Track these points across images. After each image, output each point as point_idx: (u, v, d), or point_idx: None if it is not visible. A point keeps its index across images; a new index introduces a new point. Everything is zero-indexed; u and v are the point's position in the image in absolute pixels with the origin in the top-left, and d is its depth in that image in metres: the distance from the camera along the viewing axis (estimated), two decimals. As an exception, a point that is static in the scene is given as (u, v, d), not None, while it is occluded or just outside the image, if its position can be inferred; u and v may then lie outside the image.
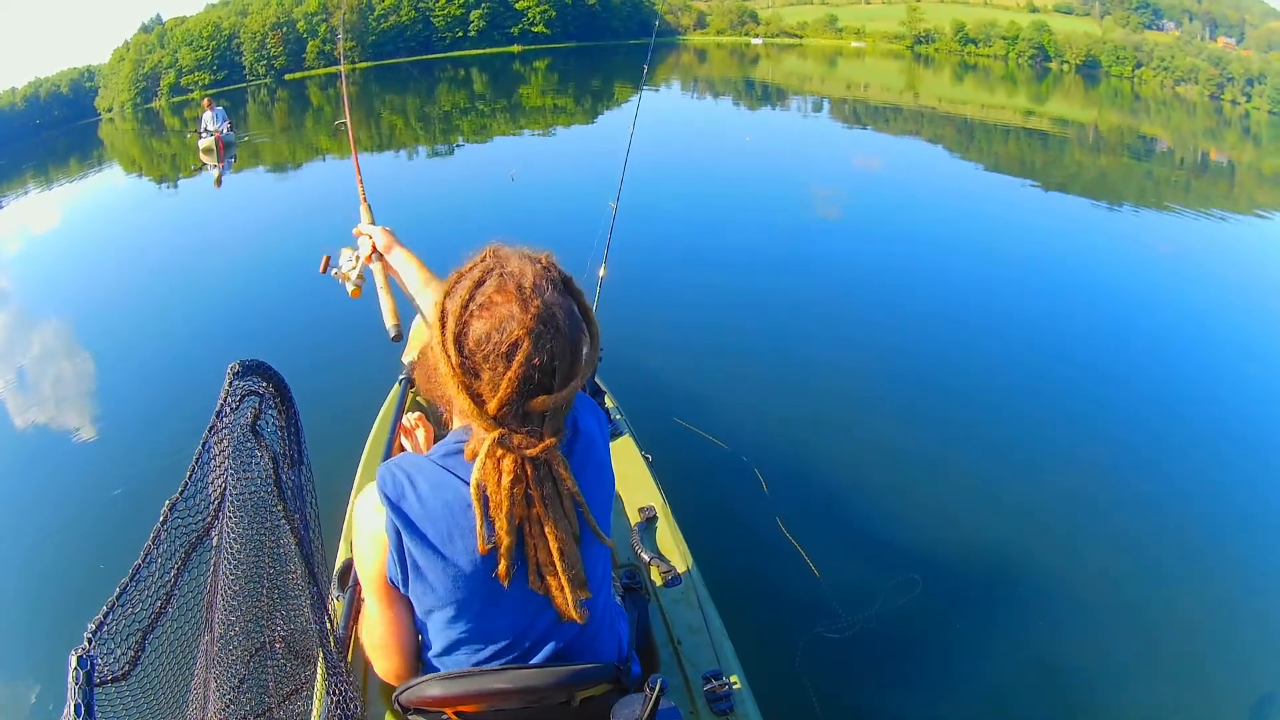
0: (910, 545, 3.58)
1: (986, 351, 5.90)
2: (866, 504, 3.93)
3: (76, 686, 0.88)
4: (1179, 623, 3.31)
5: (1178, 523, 3.97)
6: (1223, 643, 3.21)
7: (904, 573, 3.31)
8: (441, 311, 1.11)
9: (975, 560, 3.55)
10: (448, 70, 35.56)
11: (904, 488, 4.09)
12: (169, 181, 16.07)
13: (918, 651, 3.07)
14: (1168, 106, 32.03)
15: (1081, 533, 3.84)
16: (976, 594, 3.37)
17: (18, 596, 3.49)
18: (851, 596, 3.20)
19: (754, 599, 3.19)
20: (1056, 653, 3.10)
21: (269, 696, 1.43)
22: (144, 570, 1.07)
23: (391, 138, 19.17)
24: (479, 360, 1.08)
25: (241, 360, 1.40)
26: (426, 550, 1.16)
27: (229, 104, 19.68)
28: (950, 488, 4.14)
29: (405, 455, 1.25)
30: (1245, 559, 3.74)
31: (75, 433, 4.85)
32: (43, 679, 2.91)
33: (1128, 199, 12.81)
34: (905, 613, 3.15)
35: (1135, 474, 4.40)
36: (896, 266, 7.88)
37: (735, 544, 3.52)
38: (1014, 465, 4.42)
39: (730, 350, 5.62)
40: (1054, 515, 3.96)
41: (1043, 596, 3.40)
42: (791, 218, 9.74)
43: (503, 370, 1.07)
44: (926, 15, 44.69)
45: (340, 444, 3.08)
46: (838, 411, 4.87)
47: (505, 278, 1.10)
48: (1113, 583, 3.52)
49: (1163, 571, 3.63)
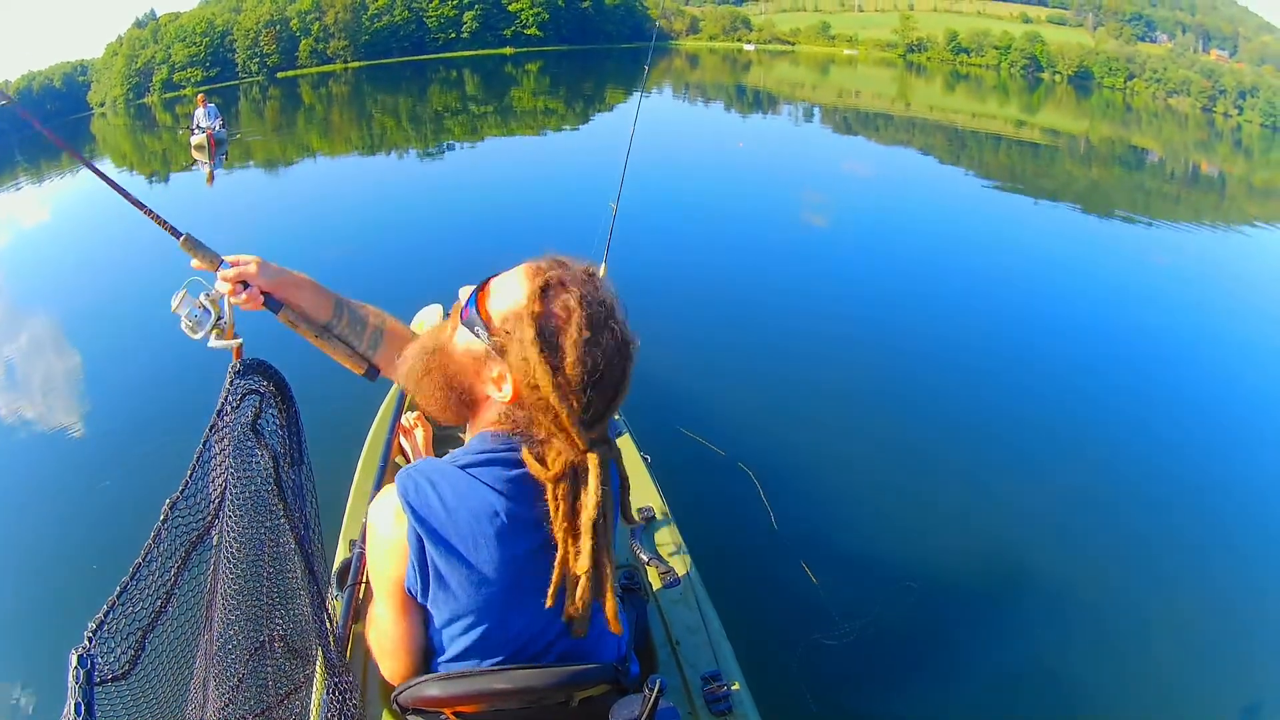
0: (906, 549, 3.59)
1: (983, 358, 5.93)
2: (863, 507, 3.95)
3: (77, 685, 0.87)
4: (1176, 626, 3.33)
5: (1173, 526, 4.01)
6: (1221, 643, 3.23)
7: (900, 576, 3.32)
8: (552, 347, 1.09)
9: (971, 565, 3.57)
10: (440, 71, 35.56)
11: (900, 492, 4.11)
12: (160, 177, 15.97)
13: (914, 654, 3.08)
14: (1159, 118, 32.41)
15: (1078, 538, 3.86)
16: (972, 599, 3.38)
17: (18, 595, 3.45)
18: (849, 599, 3.21)
19: (752, 600, 3.19)
20: (1052, 658, 3.12)
21: (268, 695, 1.42)
22: (145, 569, 1.06)
23: (383, 138, 19.16)
24: (589, 388, 1.11)
25: (242, 358, 1.40)
26: (452, 559, 1.15)
27: (221, 101, 19.60)
28: (946, 493, 4.15)
29: (426, 461, 1.22)
30: (1240, 560, 3.77)
31: (76, 431, 4.81)
32: (43, 678, 2.88)
33: (1119, 209, 12.94)
34: (902, 616, 3.17)
35: (1130, 479, 4.44)
36: (892, 272, 7.93)
37: (733, 545, 3.52)
38: (1010, 471, 4.43)
39: (729, 353, 5.66)
40: (1050, 521, 3.98)
41: (1039, 602, 3.42)
42: (786, 224, 9.80)
43: (610, 395, 1.15)
44: (919, 24, 45.21)
45: (340, 443, 3.07)
46: (835, 415, 4.88)
47: (597, 307, 1.13)
48: (1110, 588, 3.53)
49: (1159, 575, 3.65)
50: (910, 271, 8.00)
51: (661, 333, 5.81)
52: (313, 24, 37.70)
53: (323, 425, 3.41)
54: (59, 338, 6.86)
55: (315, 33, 37.79)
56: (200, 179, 14.38)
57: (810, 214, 10.49)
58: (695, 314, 6.38)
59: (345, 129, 21.60)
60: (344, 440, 3.03)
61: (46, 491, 4.18)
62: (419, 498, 1.15)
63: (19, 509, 4.15)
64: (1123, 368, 5.92)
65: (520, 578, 1.17)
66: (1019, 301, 7.33)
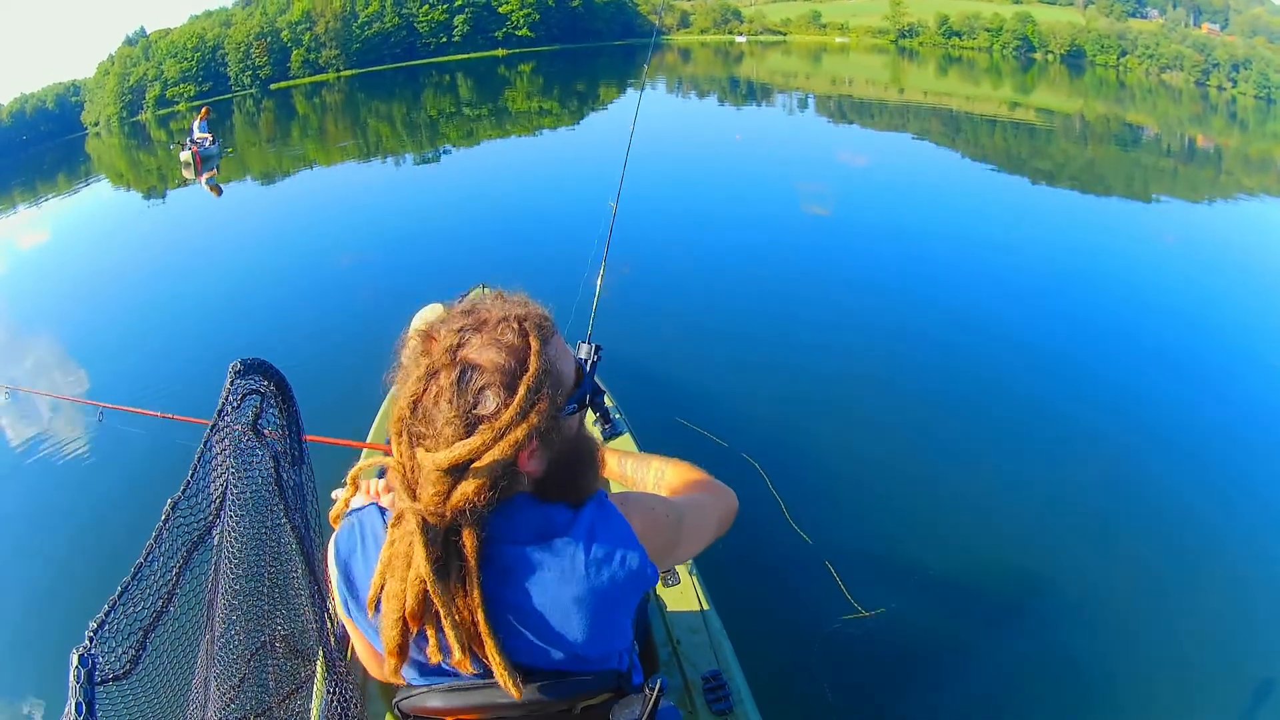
0: (909, 546, 3.56)
1: (986, 344, 5.84)
2: (867, 504, 3.89)
3: (78, 685, 0.87)
4: (1185, 622, 3.24)
5: (1185, 519, 3.91)
6: (1226, 639, 3.17)
7: (903, 573, 3.29)
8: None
9: (974, 561, 3.53)
10: (433, 76, 35.55)
11: (904, 488, 4.04)
12: (157, 193, 16.02)
13: (916, 651, 3.04)
14: (1153, 94, 32.20)
15: (1087, 531, 3.78)
16: (975, 595, 3.33)
17: (20, 595, 3.47)
18: (848, 596, 3.17)
19: (753, 599, 3.16)
20: (1058, 653, 3.06)
21: (269, 695, 1.42)
22: (146, 569, 1.06)
23: (379, 145, 19.17)
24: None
25: (243, 359, 1.39)
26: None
27: (215, 115, 19.64)
28: (954, 486, 4.08)
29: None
30: (1251, 556, 3.69)
31: (76, 430, 4.83)
32: (44, 677, 2.90)
33: (1117, 188, 12.88)
34: (904, 613, 3.13)
35: (1140, 471, 4.32)
36: (894, 262, 7.85)
37: (734, 544, 3.49)
38: (1016, 463, 4.35)
39: (730, 347, 5.61)
40: (1057, 514, 3.90)
41: (1045, 597, 3.37)
42: (785, 215, 9.76)
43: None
44: (910, 9, 44.78)
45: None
46: (838, 410, 4.82)
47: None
48: (1119, 583, 3.45)
49: (1169, 571, 3.57)
50: (911, 256, 7.94)
51: (664, 327, 5.81)
52: (303, 34, 37.71)
53: (323, 425, 3.41)
54: (59, 337, 6.93)
55: (306, 43, 37.82)
56: (197, 191, 14.42)
57: (809, 204, 10.43)
58: (696, 309, 6.36)
59: (340, 137, 21.61)
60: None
61: (47, 490, 4.20)
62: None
63: (21, 509, 4.18)
64: (1136, 359, 5.75)
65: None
66: (1022, 285, 7.23)
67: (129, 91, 35.26)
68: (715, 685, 1.78)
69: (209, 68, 36.36)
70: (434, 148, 18.11)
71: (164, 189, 16.40)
